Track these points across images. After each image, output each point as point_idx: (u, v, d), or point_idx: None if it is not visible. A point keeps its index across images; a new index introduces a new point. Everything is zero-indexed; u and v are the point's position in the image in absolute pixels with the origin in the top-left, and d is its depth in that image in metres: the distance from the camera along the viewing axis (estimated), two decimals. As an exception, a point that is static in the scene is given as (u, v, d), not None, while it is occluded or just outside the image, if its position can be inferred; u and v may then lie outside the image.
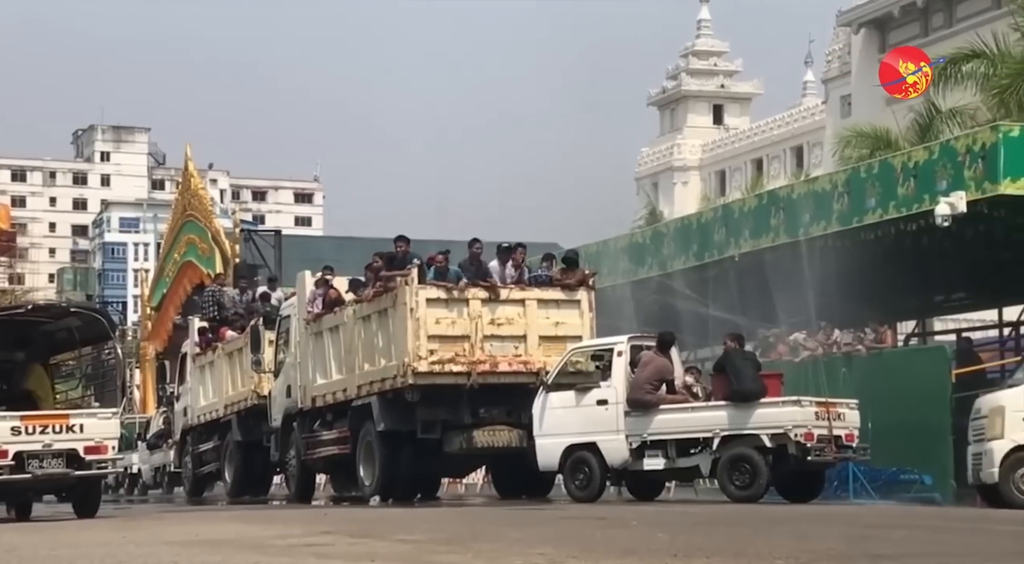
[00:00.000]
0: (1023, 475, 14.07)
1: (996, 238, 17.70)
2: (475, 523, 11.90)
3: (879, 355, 18.35)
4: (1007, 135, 15.98)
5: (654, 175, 71.12)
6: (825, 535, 9.75)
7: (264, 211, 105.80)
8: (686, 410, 15.02)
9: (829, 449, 14.29)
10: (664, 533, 9.73)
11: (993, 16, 37.82)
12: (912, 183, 16.86)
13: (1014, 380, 14.97)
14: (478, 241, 16.70)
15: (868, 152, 25.79)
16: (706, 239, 20.65)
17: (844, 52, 53.06)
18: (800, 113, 63.30)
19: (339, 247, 30.68)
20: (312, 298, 18.41)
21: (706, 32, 72.73)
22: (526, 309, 16.33)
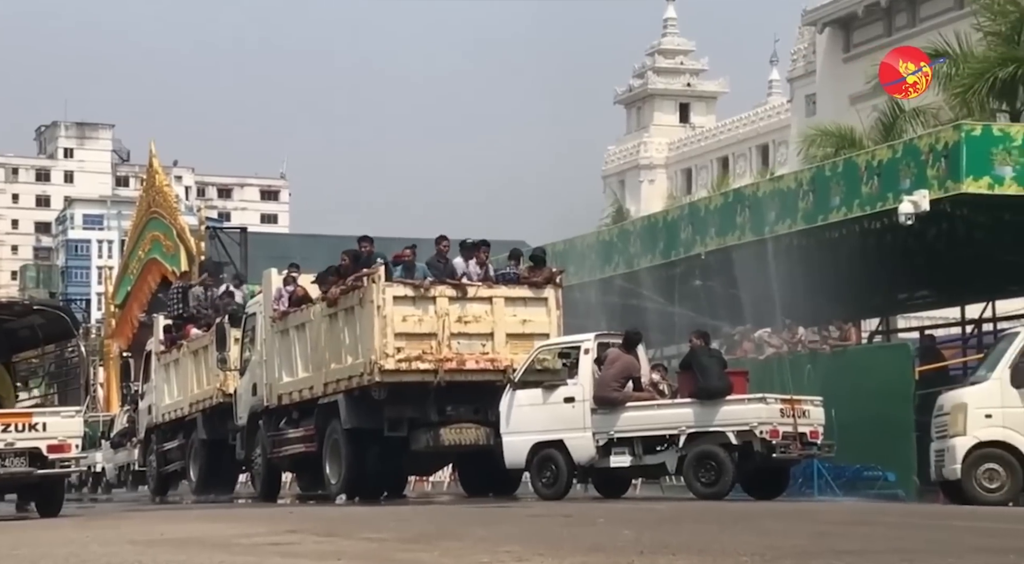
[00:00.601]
0: (985, 472, 14.22)
1: (958, 236, 17.86)
2: (442, 521, 11.89)
3: (843, 352, 18.48)
4: (969, 134, 16.12)
5: (621, 173, 71.32)
6: (790, 532, 9.82)
7: (230, 208, 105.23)
8: (652, 407, 15.08)
9: (794, 446, 14.39)
10: (630, 530, 9.76)
11: (956, 16, 38.19)
12: (876, 182, 16.99)
13: (976, 377, 15.12)
14: (445, 238, 16.70)
15: (833, 151, 25.96)
16: (672, 237, 20.73)
17: (809, 51, 53.40)
18: (765, 112, 63.66)
19: (305, 245, 30.57)
20: (278, 296, 18.35)
21: (672, 31, 73.00)
22: (493, 307, 16.34)
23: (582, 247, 22.96)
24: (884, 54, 33.65)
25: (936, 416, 15.03)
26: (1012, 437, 14.20)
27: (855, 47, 48.18)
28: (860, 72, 37.16)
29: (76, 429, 14.69)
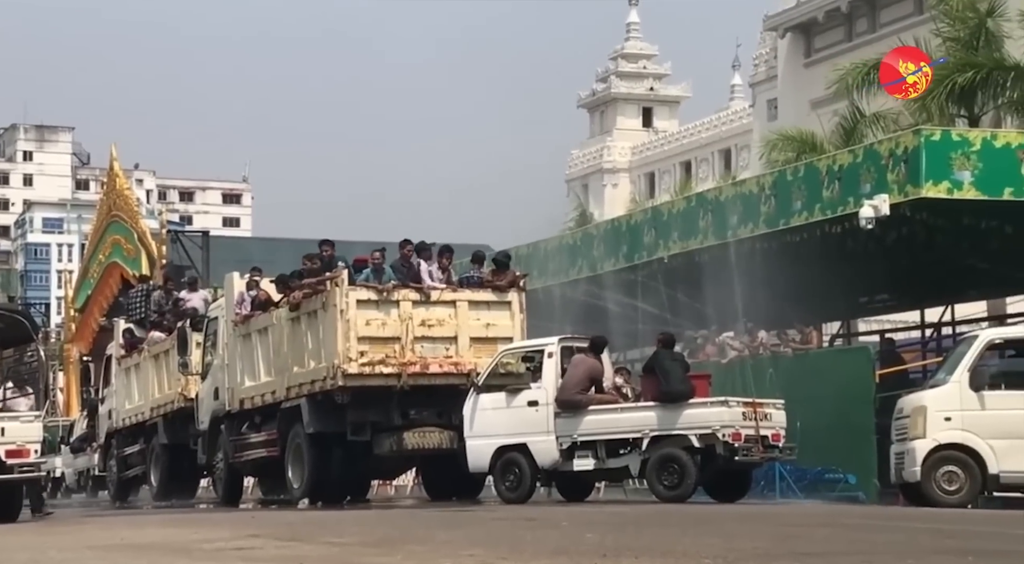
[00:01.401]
0: (944, 474, 14.35)
1: (918, 240, 18.03)
2: (405, 525, 11.87)
3: (805, 356, 18.60)
4: (928, 139, 16.28)
5: (584, 177, 71.47)
6: (752, 534, 9.87)
7: (191, 212, 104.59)
8: (616, 411, 15.11)
9: (756, 449, 14.46)
10: (593, 533, 9.78)
11: (916, 22, 38.53)
12: (837, 186, 17.11)
13: (936, 380, 15.26)
14: (409, 242, 16.67)
15: (794, 155, 26.13)
16: (635, 241, 20.80)
17: (771, 56, 53.73)
18: (728, 116, 63.99)
19: (268, 248, 30.48)
20: (240, 299, 18.26)
21: (635, 35, 73.25)
22: (457, 310, 16.32)
23: (546, 251, 23.00)
24: (844, 59, 34.04)
25: (896, 419, 15.15)
26: (971, 439, 14.34)
27: (816, 52, 48.52)
28: (821, 77, 37.40)
29: (35, 434, 14.55)
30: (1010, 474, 14.37)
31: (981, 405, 14.39)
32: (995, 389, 14.49)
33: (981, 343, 14.78)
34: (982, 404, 14.38)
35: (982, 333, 15.68)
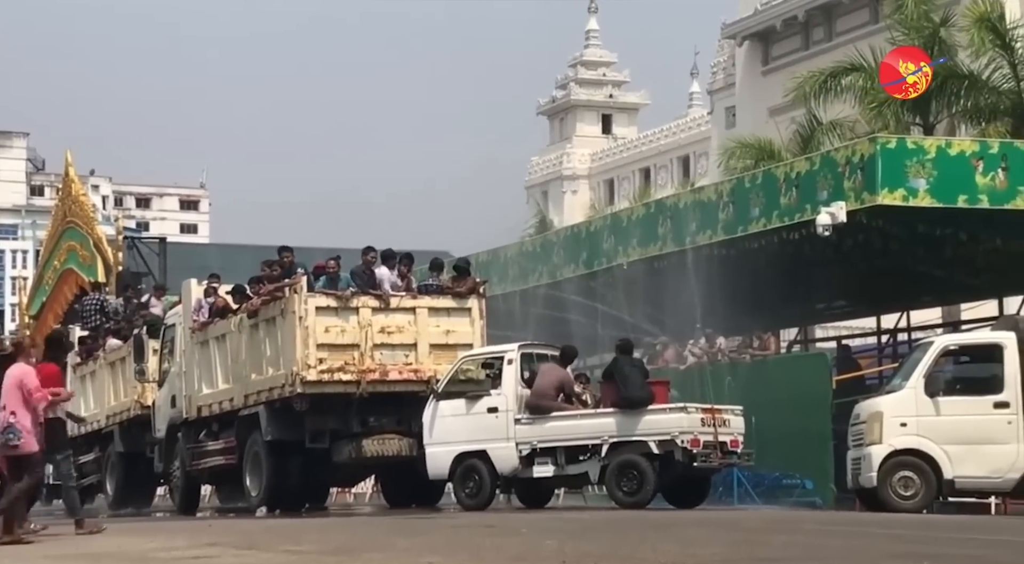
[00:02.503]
0: (900, 479, 14.48)
1: (874, 247, 18.20)
2: (364, 533, 11.82)
3: (763, 362, 18.72)
4: (884, 147, 16.44)
5: (544, 184, 71.62)
6: (710, 540, 9.91)
7: (148, 218, 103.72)
8: (575, 417, 15.14)
9: (715, 455, 14.52)
10: (553, 540, 9.78)
11: (871, 31, 38.94)
12: (794, 193, 17.25)
13: (891, 386, 15.40)
14: (372, 249, 16.63)
15: (752, 163, 26.32)
16: (595, 247, 20.86)
17: (729, 64, 54.10)
18: (686, 124, 64.36)
19: (226, 255, 30.28)
20: (198, 306, 18.14)
21: (594, 42, 73.54)
22: (417, 317, 16.30)
23: (505, 257, 23.02)
24: (801, 67, 34.29)
25: (853, 425, 15.27)
26: (926, 445, 14.48)
27: (774, 60, 48.92)
28: (778, 85, 37.72)
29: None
30: (965, 479, 14.52)
31: (936, 411, 14.53)
32: (950, 395, 14.64)
33: (936, 349, 14.93)
34: (937, 410, 14.53)
35: (937, 339, 15.84)
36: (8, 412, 11.24)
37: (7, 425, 11.20)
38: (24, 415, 11.24)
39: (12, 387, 11.34)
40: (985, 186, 16.47)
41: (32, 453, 11.35)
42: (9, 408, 11.25)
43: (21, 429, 11.20)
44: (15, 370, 11.48)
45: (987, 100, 23.75)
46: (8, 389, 11.37)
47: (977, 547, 9.64)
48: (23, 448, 11.25)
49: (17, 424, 11.19)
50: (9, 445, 11.25)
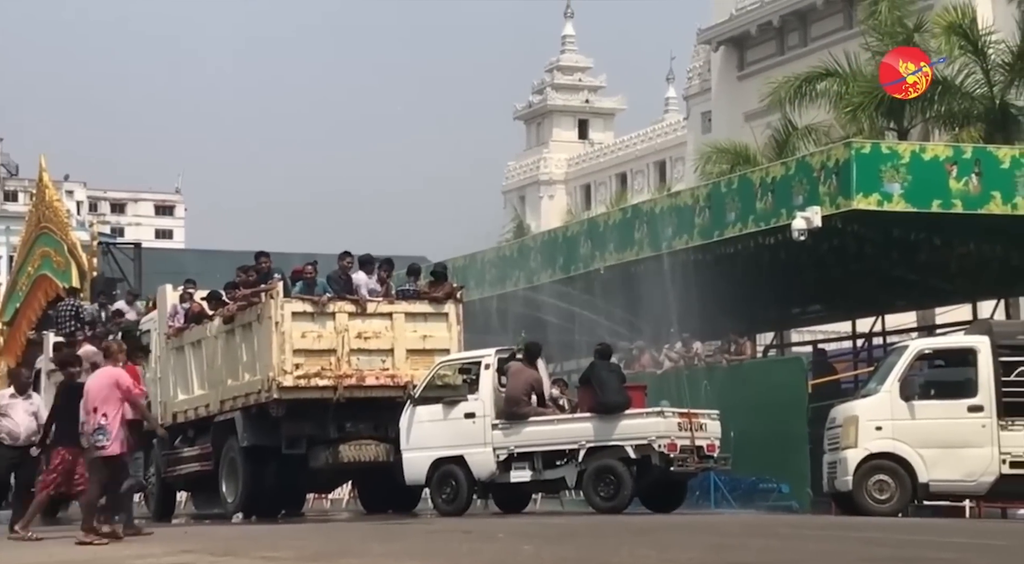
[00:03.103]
0: (875, 483, 14.54)
1: (849, 252, 18.30)
2: (341, 539, 11.80)
3: (739, 366, 18.78)
4: (859, 152, 16.54)
5: (521, 188, 71.67)
6: (687, 544, 9.93)
7: (124, 223, 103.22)
8: (553, 422, 15.14)
9: (691, 459, 14.55)
10: (530, 545, 9.79)
11: (846, 36, 39.13)
12: (770, 198, 17.33)
13: (867, 390, 15.47)
14: (348, 254, 16.60)
15: (728, 167, 26.41)
16: (572, 252, 20.90)
17: (704, 69, 54.28)
18: (662, 129, 64.52)
19: (202, 260, 30.15)
20: (173, 312, 18.06)
21: (571, 48, 73.66)
22: (393, 322, 16.26)
23: (483, 262, 23.04)
24: (777, 73, 34.48)
25: (828, 428, 15.33)
26: (901, 449, 14.55)
27: (749, 66, 49.12)
28: (754, 90, 37.88)
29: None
30: (939, 482, 14.60)
31: (911, 414, 14.61)
32: (925, 399, 14.72)
33: (911, 353, 15.01)
34: (912, 413, 14.60)
35: (912, 343, 15.93)
36: (100, 414, 11.47)
37: (98, 426, 11.45)
38: (115, 417, 11.52)
39: (103, 388, 11.59)
40: (959, 191, 16.59)
41: (117, 455, 11.60)
42: (100, 410, 11.48)
43: (110, 431, 11.45)
44: (106, 372, 11.77)
45: (960, 105, 23.92)
46: (98, 391, 11.60)
47: (952, 551, 9.69)
48: (109, 450, 11.49)
49: (108, 426, 11.45)
50: (96, 446, 11.48)
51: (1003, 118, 23.74)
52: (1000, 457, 14.44)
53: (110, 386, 11.57)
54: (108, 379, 11.66)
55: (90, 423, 11.56)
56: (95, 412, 11.52)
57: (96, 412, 11.51)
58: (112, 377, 11.65)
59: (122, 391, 11.57)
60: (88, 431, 11.61)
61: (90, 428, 11.57)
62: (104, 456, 11.52)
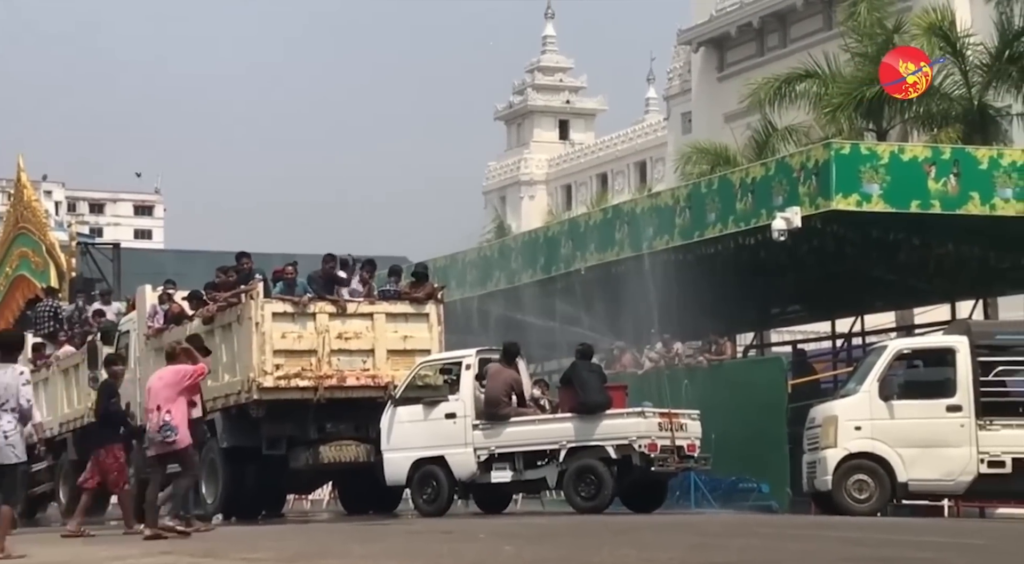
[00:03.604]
0: (855, 483, 14.60)
1: (829, 252, 18.36)
2: (321, 540, 11.77)
3: (719, 366, 18.82)
4: (839, 152, 16.60)
5: (502, 189, 71.69)
6: (668, 544, 9.95)
7: (102, 224, 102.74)
8: (533, 422, 15.14)
9: (672, 459, 14.58)
10: (511, 545, 9.79)
11: (825, 37, 39.28)
12: (750, 198, 17.38)
13: (846, 390, 15.54)
14: (333, 257, 16.57)
15: (708, 168, 26.49)
16: (553, 253, 20.91)
17: (684, 70, 54.40)
18: (643, 129, 64.64)
19: (181, 261, 30.00)
20: (153, 313, 17.99)
21: (551, 48, 73.74)
22: (374, 323, 16.25)
23: (464, 263, 23.02)
24: (756, 74, 34.60)
25: (808, 428, 15.39)
26: (880, 448, 14.61)
27: (729, 66, 49.25)
28: (734, 91, 37.99)
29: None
30: (918, 482, 14.67)
31: (890, 414, 14.67)
32: (904, 398, 14.78)
33: (890, 353, 15.07)
34: (891, 413, 14.67)
35: (891, 343, 16.00)
36: (164, 411, 12.02)
37: (163, 423, 12.00)
38: (178, 412, 12.08)
39: (164, 387, 12.17)
40: (937, 191, 16.66)
41: (186, 447, 12.20)
42: (164, 407, 12.04)
43: (177, 426, 12.01)
44: (169, 371, 12.39)
45: (939, 106, 24.04)
46: (159, 389, 12.18)
47: (932, 550, 9.74)
48: (179, 443, 12.10)
49: (173, 421, 12.00)
50: (167, 442, 12.05)
51: (981, 119, 23.87)
52: (978, 457, 14.52)
53: (173, 384, 12.15)
54: (172, 378, 12.25)
55: (154, 420, 12.07)
56: (158, 410, 12.05)
57: (160, 410, 12.04)
58: (176, 375, 12.24)
59: (185, 389, 12.17)
60: (153, 428, 12.11)
61: (154, 425, 12.07)
62: (175, 450, 12.12)
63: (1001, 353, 14.98)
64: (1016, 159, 17.18)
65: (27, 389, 10.36)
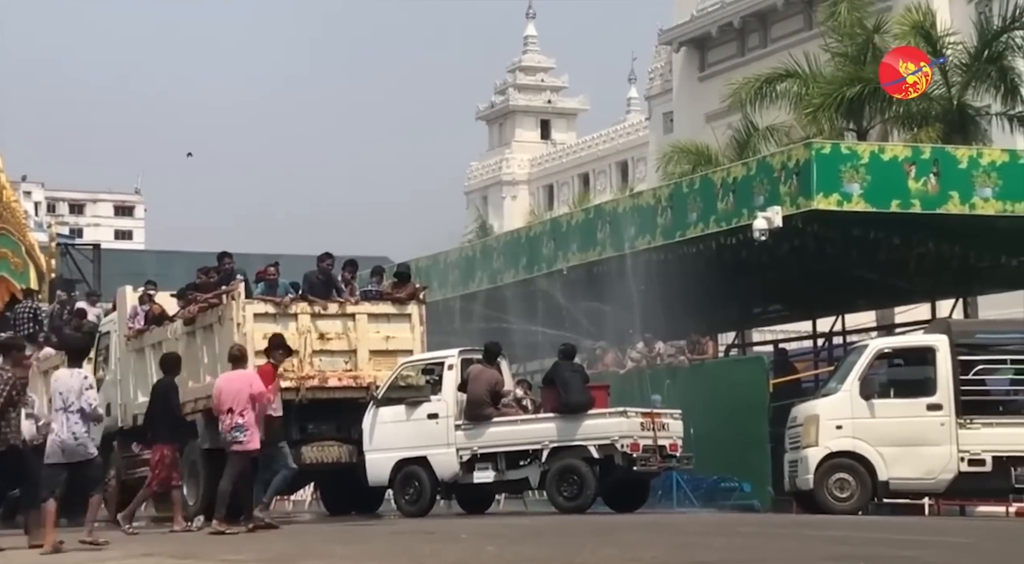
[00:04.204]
0: (836, 481, 14.64)
1: (809, 252, 18.42)
2: (303, 541, 11.75)
3: (701, 366, 18.85)
4: (819, 152, 16.65)
5: (484, 189, 71.68)
6: (650, 544, 9.96)
7: (82, 224, 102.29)
8: (516, 423, 15.14)
9: (654, 459, 14.60)
10: (494, 546, 9.79)
11: (806, 37, 39.41)
12: (731, 198, 17.42)
13: (827, 389, 15.59)
14: (330, 256, 16.52)
15: (690, 168, 26.54)
16: (535, 253, 20.92)
17: (666, 70, 54.48)
18: (624, 129, 64.72)
19: (162, 261, 29.95)
20: (133, 314, 17.92)
21: (533, 48, 73.76)
22: (356, 323, 16.20)
23: (446, 263, 23.01)
24: (737, 73, 34.68)
25: (790, 427, 15.43)
26: (862, 447, 14.66)
27: (710, 66, 49.34)
28: (715, 91, 38.07)
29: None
30: (899, 480, 14.72)
31: (871, 413, 14.72)
32: (884, 397, 14.84)
33: (871, 352, 15.13)
34: (872, 412, 14.72)
35: (872, 343, 16.05)
36: (237, 414, 12.89)
37: (235, 425, 12.88)
38: (250, 416, 12.91)
39: (239, 391, 12.93)
40: (917, 191, 16.74)
41: (256, 449, 13.03)
42: (237, 410, 12.89)
43: (248, 428, 12.89)
44: (238, 375, 13.18)
45: (919, 106, 24.15)
46: (230, 392, 12.98)
47: (913, 548, 9.78)
48: (249, 445, 12.95)
49: (245, 423, 12.88)
50: (236, 442, 12.92)
51: (961, 119, 23.99)
52: (959, 455, 14.59)
53: (243, 388, 12.91)
54: (241, 382, 13.03)
55: (227, 422, 12.91)
56: (230, 412, 12.89)
57: (232, 412, 12.88)
58: (245, 380, 13.02)
59: (253, 394, 12.91)
60: (225, 429, 12.95)
61: (227, 427, 12.92)
62: (245, 451, 12.94)
63: (981, 352, 15.05)
64: (995, 159, 17.27)
65: (91, 392, 11.22)
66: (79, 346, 11.93)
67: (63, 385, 11.17)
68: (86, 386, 10.98)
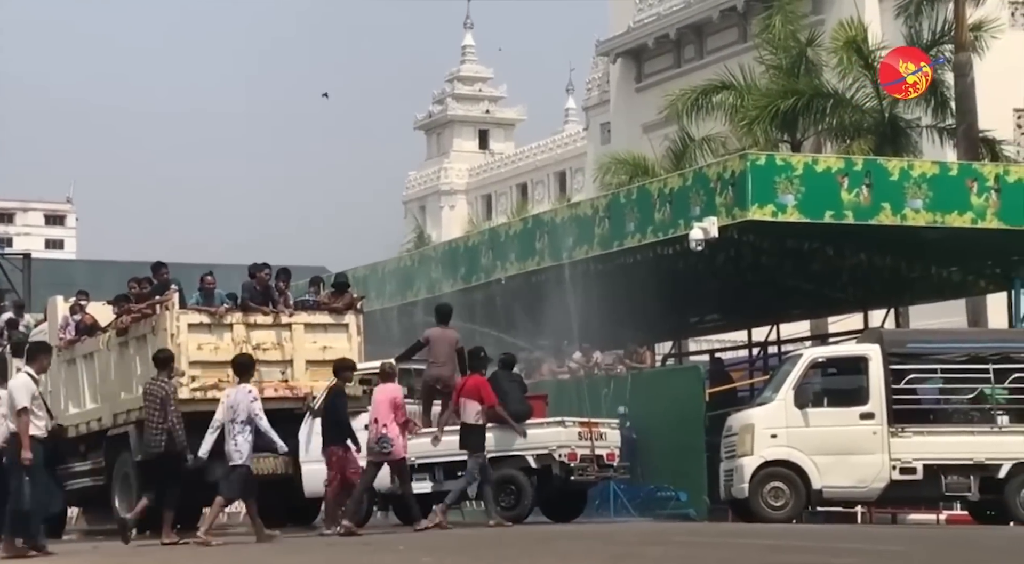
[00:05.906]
0: (771, 490, 14.75)
1: (745, 262, 18.59)
2: (239, 553, 11.62)
3: (638, 375, 18.94)
4: (754, 163, 16.81)
5: (422, 199, 71.55)
6: (588, 553, 9.98)
7: (12, 234, 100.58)
8: (453, 433, 15.08)
9: (591, 468, 14.61)
10: (431, 557, 9.75)
11: (740, 50, 39.79)
12: (668, 208, 17.53)
13: (762, 398, 15.71)
14: (267, 266, 16.34)
15: (627, 178, 26.69)
16: (473, 263, 20.90)
17: (603, 81, 54.74)
18: (562, 139, 64.96)
19: (94, 271, 29.46)
20: (65, 324, 17.64)
21: (471, 58, 73.84)
22: (293, 333, 16.08)
23: (384, 272, 22.92)
24: (674, 85, 34.95)
25: (725, 436, 15.53)
26: (796, 456, 14.79)
27: (646, 78, 49.64)
28: (652, 102, 38.33)
29: None
30: (832, 489, 14.86)
31: (805, 422, 14.85)
32: (818, 406, 14.98)
33: (805, 362, 15.27)
34: (806, 421, 14.85)
35: (806, 352, 16.20)
36: (380, 425, 13.58)
37: (381, 435, 13.56)
38: (393, 427, 13.59)
39: (383, 403, 13.66)
40: (850, 202, 16.94)
41: (401, 458, 13.76)
42: (381, 421, 13.58)
43: (392, 438, 13.54)
44: (386, 389, 13.81)
45: (852, 118, 24.50)
46: (378, 405, 13.71)
47: (845, 556, 9.88)
48: (393, 454, 13.65)
49: (389, 433, 13.54)
50: (383, 452, 13.63)
51: (892, 131, 24.36)
52: (891, 463, 14.75)
53: (388, 402, 13.66)
54: (387, 396, 13.73)
55: (373, 432, 13.61)
56: (376, 423, 13.58)
57: (378, 423, 13.58)
58: (390, 395, 13.72)
59: (396, 408, 13.64)
60: (372, 439, 13.63)
61: (373, 437, 13.60)
62: (390, 460, 13.66)
63: (913, 361, 15.24)
64: (926, 170, 17.53)
65: (256, 405, 12.68)
66: (246, 363, 13.27)
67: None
68: (251, 399, 12.62)
